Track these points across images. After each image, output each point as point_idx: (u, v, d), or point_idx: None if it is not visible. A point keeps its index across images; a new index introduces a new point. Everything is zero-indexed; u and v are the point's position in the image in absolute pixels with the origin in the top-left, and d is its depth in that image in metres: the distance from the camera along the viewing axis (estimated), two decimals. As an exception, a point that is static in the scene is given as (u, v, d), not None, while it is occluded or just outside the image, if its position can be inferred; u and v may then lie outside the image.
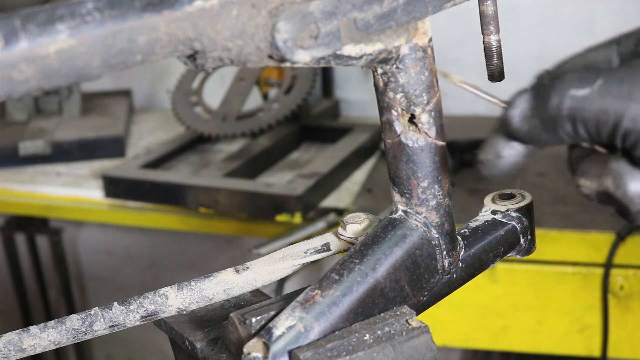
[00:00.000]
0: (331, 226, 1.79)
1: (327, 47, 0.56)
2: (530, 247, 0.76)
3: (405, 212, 0.67)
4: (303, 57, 0.56)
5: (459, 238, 0.71)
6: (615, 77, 0.53)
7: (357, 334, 0.60)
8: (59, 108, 2.49)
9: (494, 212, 0.75)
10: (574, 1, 2.28)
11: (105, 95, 2.69)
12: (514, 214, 0.74)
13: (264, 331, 0.59)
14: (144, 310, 0.68)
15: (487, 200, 0.77)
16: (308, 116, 2.33)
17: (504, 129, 0.58)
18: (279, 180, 1.99)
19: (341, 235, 0.71)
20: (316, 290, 0.61)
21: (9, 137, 2.32)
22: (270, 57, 0.56)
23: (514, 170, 0.59)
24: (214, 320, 0.71)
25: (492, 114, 2.31)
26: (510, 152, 0.58)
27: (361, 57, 0.59)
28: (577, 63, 0.60)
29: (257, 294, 0.75)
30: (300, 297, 0.61)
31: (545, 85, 0.56)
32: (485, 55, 0.71)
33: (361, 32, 0.58)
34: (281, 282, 1.76)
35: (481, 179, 1.90)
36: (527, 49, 2.31)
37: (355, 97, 2.54)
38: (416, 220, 0.67)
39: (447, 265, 0.68)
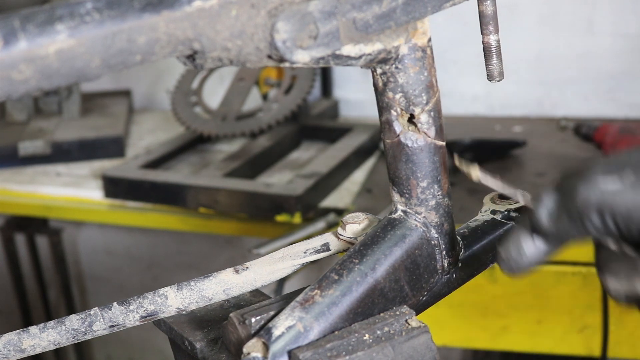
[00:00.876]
0: (331, 226, 1.79)
1: (326, 47, 0.56)
2: (530, 247, 0.75)
3: (404, 212, 0.67)
4: (302, 57, 0.56)
5: (459, 238, 0.71)
6: None
7: (356, 334, 0.60)
8: (59, 108, 2.49)
9: (493, 212, 0.75)
10: (574, 1, 2.28)
11: (105, 95, 2.69)
12: (514, 214, 0.74)
13: (264, 331, 0.59)
14: (144, 311, 0.68)
15: (487, 200, 0.77)
16: (308, 116, 2.33)
17: (531, 226, 0.56)
18: (278, 180, 1.99)
19: (341, 235, 0.71)
20: (316, 290, 0.61)
21: (9, 137, 2.32)
22: (270, 57, 0.56)
23: (534, 269, 0.57)
24: (214, 320, 0.71)
25: (492, 114, 2.31)
26: (533, 249, 0.57)
27: (360, 57, 0.59)
28: (607, 160, 0.56)
29: (257, 294, 0.75)
30: (299, 297, 0.61)
31: (572, 177, 0.54)
32: (485, 55, 0.71)
33: (360, 32, 0.58)
34: (281, 282, 1.76)
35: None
36: (527, 49, 2.31)
37: (355, 97, 2.54)
38: (415, 220, 0.67)
39: (446, 265, 0.68)
